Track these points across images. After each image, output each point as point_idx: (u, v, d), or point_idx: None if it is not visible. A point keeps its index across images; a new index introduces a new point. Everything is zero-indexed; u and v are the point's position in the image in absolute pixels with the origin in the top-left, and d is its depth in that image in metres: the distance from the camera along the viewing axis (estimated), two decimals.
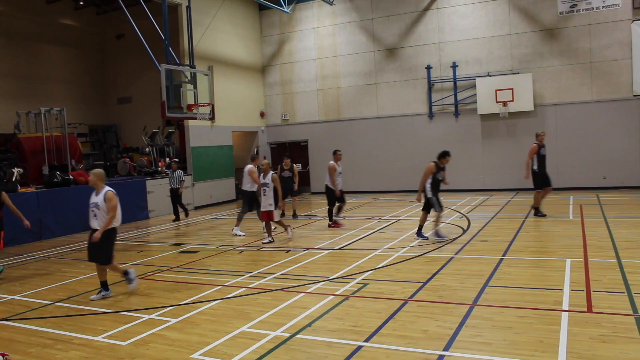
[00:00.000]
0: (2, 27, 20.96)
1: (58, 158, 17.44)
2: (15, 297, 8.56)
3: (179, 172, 16.71)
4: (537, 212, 13.54)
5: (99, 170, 8.21)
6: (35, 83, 22.50)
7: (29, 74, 22.38)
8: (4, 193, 10.30)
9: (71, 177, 16.45)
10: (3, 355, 4.72)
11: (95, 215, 7.99)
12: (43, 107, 17.55)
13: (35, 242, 14.26)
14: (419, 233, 11.34)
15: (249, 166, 13.69)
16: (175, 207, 16.93)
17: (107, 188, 8.07)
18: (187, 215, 17.12)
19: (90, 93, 25.52)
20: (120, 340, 6.14)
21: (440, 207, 11.18)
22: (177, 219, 16.97)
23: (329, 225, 13.85)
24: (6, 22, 21.22)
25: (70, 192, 15.71)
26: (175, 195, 16.72)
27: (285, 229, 12.52)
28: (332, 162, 13.68)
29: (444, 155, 11.21)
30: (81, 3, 23.78)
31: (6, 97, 20.83)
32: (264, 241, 12.14)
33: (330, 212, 13.96)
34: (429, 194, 11.16)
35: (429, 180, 11.14)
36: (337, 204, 13.91)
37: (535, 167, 13.36)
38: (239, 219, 13.68)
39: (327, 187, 13.73)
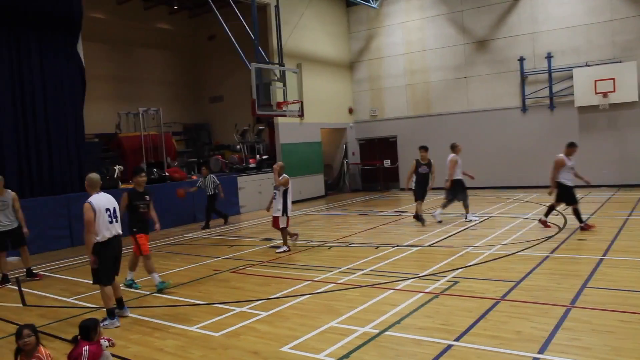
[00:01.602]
0: (104, 34, 22.27)
1: (155, 156, 18.28)
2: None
3: (211, 177, 15.91)
4: None
5: (90, 176, 7.26)
6: (134, 85, 23.78)
7: (128, 76, 23.69)
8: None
9: (167, 173, 17.23)
10: (108, 340, 5.01)
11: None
12: (141, 108, 18.48)
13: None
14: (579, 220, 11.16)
15: (452, 155, 13.58)
16: (208, 214, 15.83)
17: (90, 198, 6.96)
18: (226, 222, 16.29)
19: (184, 93, 26.63)
20: (213, 331, 6.37)
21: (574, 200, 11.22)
22: (207, 226, 15.67)
23: (582, 228, 11.23)
24: (108, 29, 22.52)
25: (166, 188, 16.44)
26: (211, 202, 15.81)
27: (290, 238, 11.67)
28: (561, 155, 11.41)
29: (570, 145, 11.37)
30: (175, 8, 24.80)
31: (108, 99, 22.13)
32: (278, 250, 11.25)
33: (576, 212, 11.33)
34: (568, 183, 11.28)
35: (563, 172, 11.23)
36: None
37: None
38: (444, 206, 13.71)
39: (560, 184, 11.34)
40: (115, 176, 15.50)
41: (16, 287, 9.52)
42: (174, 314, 7.24)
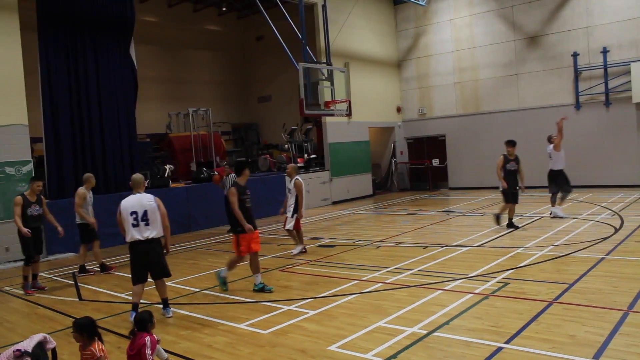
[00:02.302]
0: (156, 37, 22.81)
1: (204, 155, 18.60)
2: (168, 283, 9.24)
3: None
4: None
5: (133, 176, 7.48)
6: (184, 86, 24.26)
7: (179, 77, 24.19)
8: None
9: (216, 172, 17.47)
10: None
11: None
12: (191, 108, 18.82)
13: (184, 233, 15.32)
14: None
15: (551, 146, 13.70)
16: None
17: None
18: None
19: (233, 93, 26.99)
20: (261, 329, 6.43)
21: None
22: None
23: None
24: (159, 32, 23.07)
25: (216, 187, 16.67)
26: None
27: (297, 244, 11.25)
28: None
29: None
30: (224, 9, 25.15)
31: (159, 100, 22.64)
32: (293, 252, 11.12)
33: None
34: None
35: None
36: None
37: None
38: (553, 201, 13.58)
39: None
40: (165, 175, 15.83)
41: (73, 282, 9.84)
42: (223, 312, 7.35)
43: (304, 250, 11.19)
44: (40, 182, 9.86)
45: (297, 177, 11.14)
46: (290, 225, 10.99)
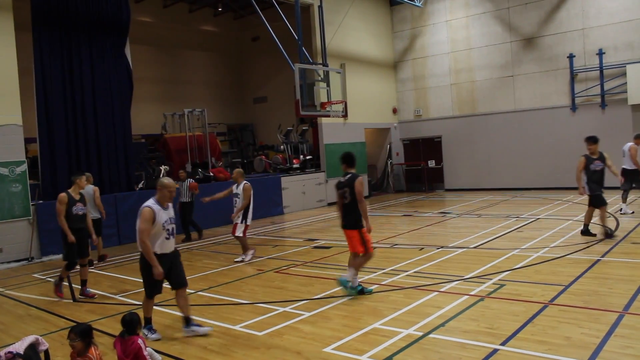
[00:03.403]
0: (151, 37, 22.78)
1: (200, 156, 18.56)
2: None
3: (189, 181, 14.34)
4: None
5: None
6: (179, 86, 24.23)
7: (174, 78, 24.16)
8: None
9: (211, 173, 17.46)
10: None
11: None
12: (186, 109, 18.78)
13: (179, 234, 15.13)
14: None
15: (630, 144, 13.65)
16: (186, 225, 14.23)
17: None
18: (200, 236, 14.52)
19: (228, 94, 26.96)
20: (256, 331, 6.40)
21: None
22: (188, 238, 14.26)
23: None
24: (154, 32, 23.03)
25: (211, 188, 16.64)
26: (187, 211, 14.20)
27: (244, 252, 10.92)
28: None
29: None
30: (220, 10, 25.12)
31: (154, 100, 22.59)
32: (245, 259, 10.80)
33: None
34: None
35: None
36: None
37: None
38: (624, 198, 13.64)
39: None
40: (161, 176, 15.78)
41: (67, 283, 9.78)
42: (218, 313, 7.31)
43: (253, 252, 10.97)
44: (85, 176, 9.58)
45: (245, 181, 10.92)
46: (239, 231, 10.78)
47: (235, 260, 10.90)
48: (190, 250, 12.77)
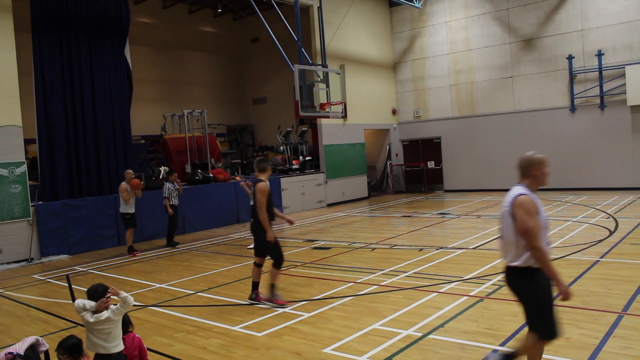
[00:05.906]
0: (150, 38, 22.81)
1: (199, 157, 18.55)
2: (163, 285, 9.24)
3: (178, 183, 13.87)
4: None
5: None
6: (179, 87, 24.24)
7: (173, 79, 24.17)
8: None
9: (211, 174, 17.45)
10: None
11: None
12: (186, 110, 18.79)
13: (179, 235, 14.99)
14: None
15: None
16: (173, 229, 13.62)
17: None
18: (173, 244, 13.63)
19: (228, 95, 26.97)
20: (256, 331, 6.41)
21: None
22: (175, 242, 13.69)
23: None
24: (154, 33, 23.05)
25: (210, 188, 16.71)
26: (176, 214, 13.68)
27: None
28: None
29: None
30: (219, 11, 25.13)
31: (154, 101, 22.61)
32: (249, 247, 10.85)
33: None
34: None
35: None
36: None
37: None
38: None
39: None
40: (160, 177, 15.79)
41: (67, 284, 9.78)
42: (217, 313, 7.32)
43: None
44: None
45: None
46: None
47: (248, 247, 11.47)
48: (190, 251, 12.77)
